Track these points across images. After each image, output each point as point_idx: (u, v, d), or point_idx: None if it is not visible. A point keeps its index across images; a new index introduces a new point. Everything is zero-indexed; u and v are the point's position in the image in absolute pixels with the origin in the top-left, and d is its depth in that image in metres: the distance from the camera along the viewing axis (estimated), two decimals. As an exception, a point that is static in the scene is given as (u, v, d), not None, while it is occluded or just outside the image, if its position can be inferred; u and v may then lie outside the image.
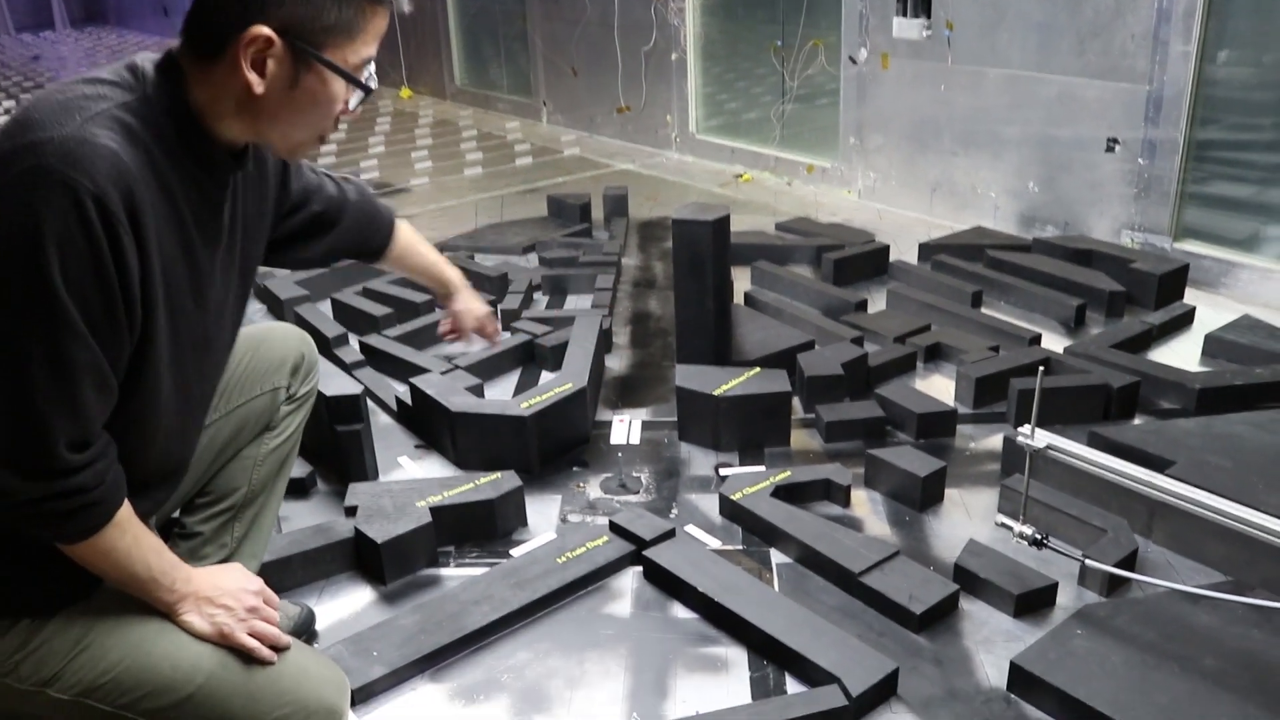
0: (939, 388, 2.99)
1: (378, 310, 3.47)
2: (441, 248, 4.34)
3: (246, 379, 1.67)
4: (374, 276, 3.90)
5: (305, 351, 1.75)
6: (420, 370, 2.94)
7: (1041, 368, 1.90)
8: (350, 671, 1.79)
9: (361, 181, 1.81)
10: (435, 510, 2.20)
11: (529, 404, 2.53)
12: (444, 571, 2.17)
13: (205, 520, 1.66)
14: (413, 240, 1.88)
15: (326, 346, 3.19)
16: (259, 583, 1.40)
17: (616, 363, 3.25)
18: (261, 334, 1.72)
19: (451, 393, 2.63)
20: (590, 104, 6.71)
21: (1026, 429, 1.98)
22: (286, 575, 2.10)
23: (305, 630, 1.96)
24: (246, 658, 1.33)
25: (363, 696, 1.80)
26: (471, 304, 1.99)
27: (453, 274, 1.96)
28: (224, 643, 1.33)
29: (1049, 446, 1.97)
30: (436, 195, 5.54)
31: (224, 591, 1.35)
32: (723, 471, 2.55)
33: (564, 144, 6.61)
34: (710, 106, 6.06)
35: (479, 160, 6.27)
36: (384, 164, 6.23)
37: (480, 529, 2.26)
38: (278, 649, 1.36)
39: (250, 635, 1.34)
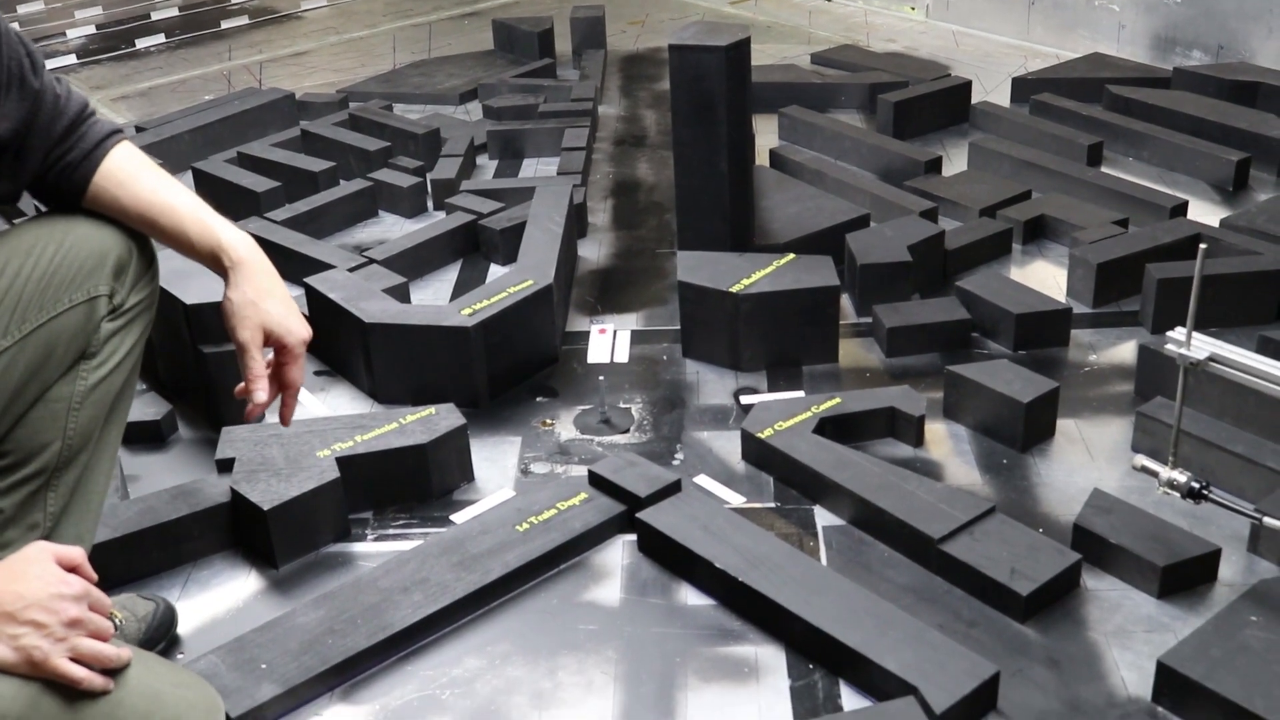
0: (1045, 278, 3.00)
1: (259, 184, 3.44)
2: (349, 95, 4.28)
3: (48, 287, 1.58)
4: (253, 136, 3.85)
5: (135, 242, 1.67)
6: (321, 266, 2.92)
7: (1203, 245, 1.84)
8: (229, 693, 1.77)
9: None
10: (345, 462, 2.19)
11: (472, 310, 2.53)
12: (358, 548, 2.17)
13: (3, 494, 1.59)
14: (135, 170, 1.67)
15: (188, 235, 3.13)
16: (78, 582, 1.34)
17: (594, 251, 3.27)
18: (68, 223, 1.63)
19: (365, 296, 2.63)
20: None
21: (1179, 333, 1.93)
22: (135, 559, 2.08)
23: (162, 636, 1.93)
24: (70, 690, 1.29)
25: (247, 726, 1.79)
26: (257, 295, 1.68)
27: (217, 230, 1.67)
28: (36, 673, 1.29)
29: (1212, 358, 1.90)
30: (339, 22, 5.46)
31: (29, 601, 1.29)
32: (745, 400, 2.56)
33: (515, -51, 6.50)
34: (718, -108, 5.93)
35: (397, -27, 6.20)
36: (265, -20, 6.14)
37: (408, 487, 2.27)
38: (114, 672, 1.32)
39: (72, 659, 1.30)
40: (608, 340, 2.81)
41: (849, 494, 2.16)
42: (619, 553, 2.13)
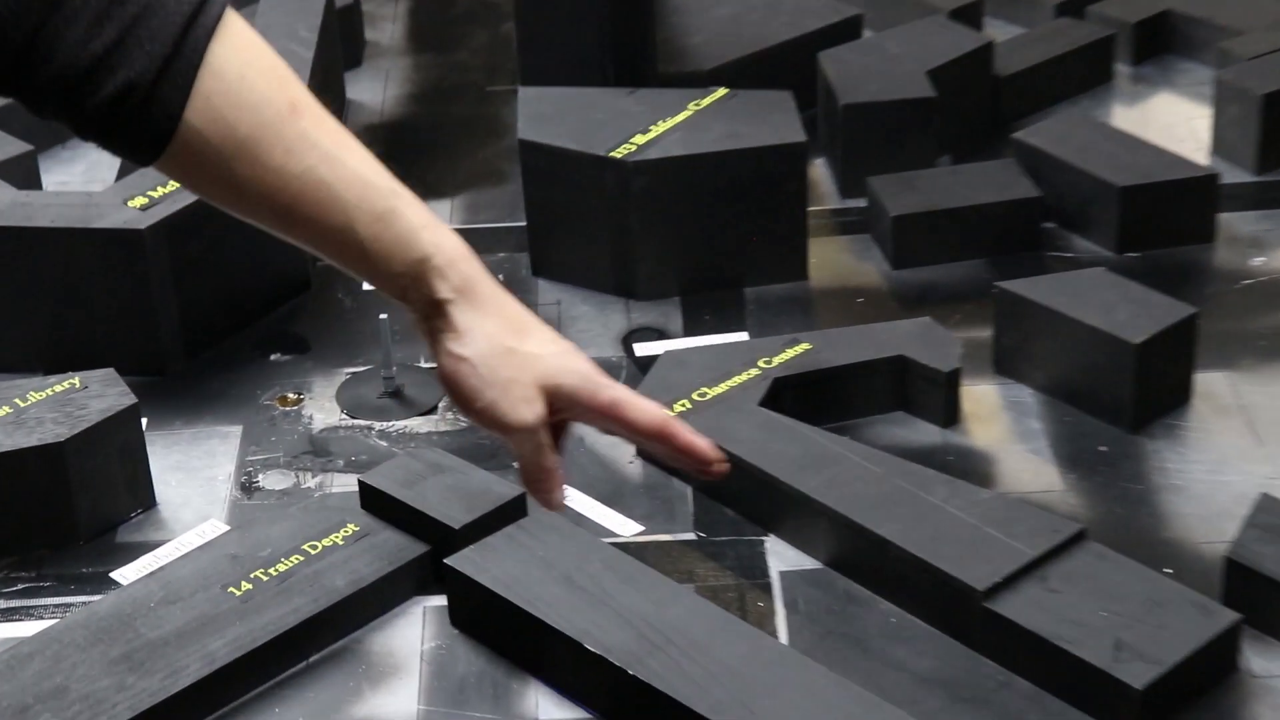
0: (1172, 124, 3.06)
1: None
2: None
3: None
4: None
5: None
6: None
7: None
8: None
9: None
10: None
11: (148, 200, 2.57)
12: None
13: None
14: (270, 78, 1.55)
15: None
16: None
17: (376, 91, 3.35)
18: None
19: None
20: None
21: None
22: None
23: None
24: None
25: None
26: (513, 335, 1.63)
27: (411, 212, 1.58)
28: None
29: None
30: None
31: None
32: (642, 350, 2.59)
33: None
34: None
35: None
36: None
37: (34, 521, 2.34)
38: None
39: None
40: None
41: (827, 514, 2.16)
42: (417, 630, 2.14)
